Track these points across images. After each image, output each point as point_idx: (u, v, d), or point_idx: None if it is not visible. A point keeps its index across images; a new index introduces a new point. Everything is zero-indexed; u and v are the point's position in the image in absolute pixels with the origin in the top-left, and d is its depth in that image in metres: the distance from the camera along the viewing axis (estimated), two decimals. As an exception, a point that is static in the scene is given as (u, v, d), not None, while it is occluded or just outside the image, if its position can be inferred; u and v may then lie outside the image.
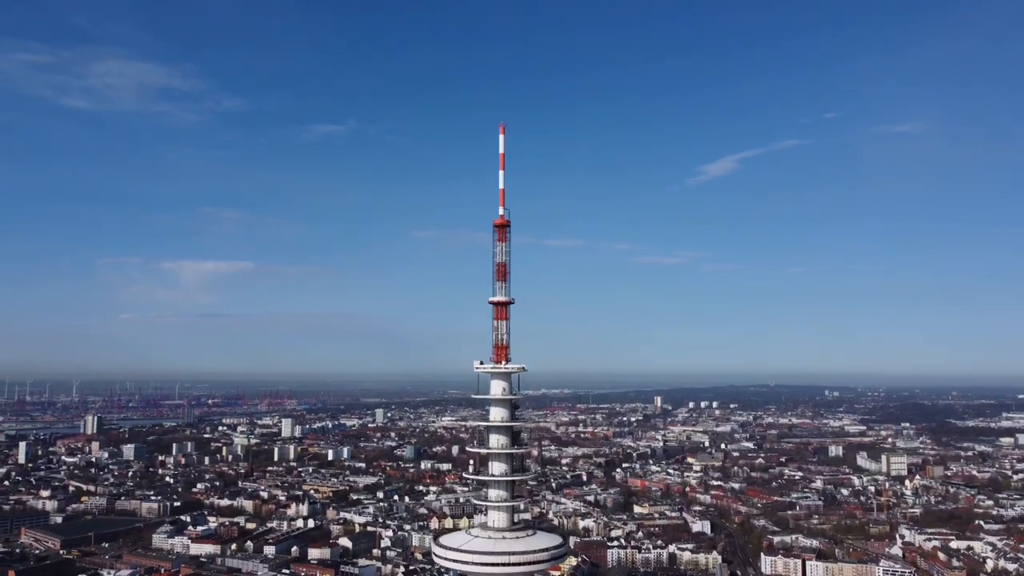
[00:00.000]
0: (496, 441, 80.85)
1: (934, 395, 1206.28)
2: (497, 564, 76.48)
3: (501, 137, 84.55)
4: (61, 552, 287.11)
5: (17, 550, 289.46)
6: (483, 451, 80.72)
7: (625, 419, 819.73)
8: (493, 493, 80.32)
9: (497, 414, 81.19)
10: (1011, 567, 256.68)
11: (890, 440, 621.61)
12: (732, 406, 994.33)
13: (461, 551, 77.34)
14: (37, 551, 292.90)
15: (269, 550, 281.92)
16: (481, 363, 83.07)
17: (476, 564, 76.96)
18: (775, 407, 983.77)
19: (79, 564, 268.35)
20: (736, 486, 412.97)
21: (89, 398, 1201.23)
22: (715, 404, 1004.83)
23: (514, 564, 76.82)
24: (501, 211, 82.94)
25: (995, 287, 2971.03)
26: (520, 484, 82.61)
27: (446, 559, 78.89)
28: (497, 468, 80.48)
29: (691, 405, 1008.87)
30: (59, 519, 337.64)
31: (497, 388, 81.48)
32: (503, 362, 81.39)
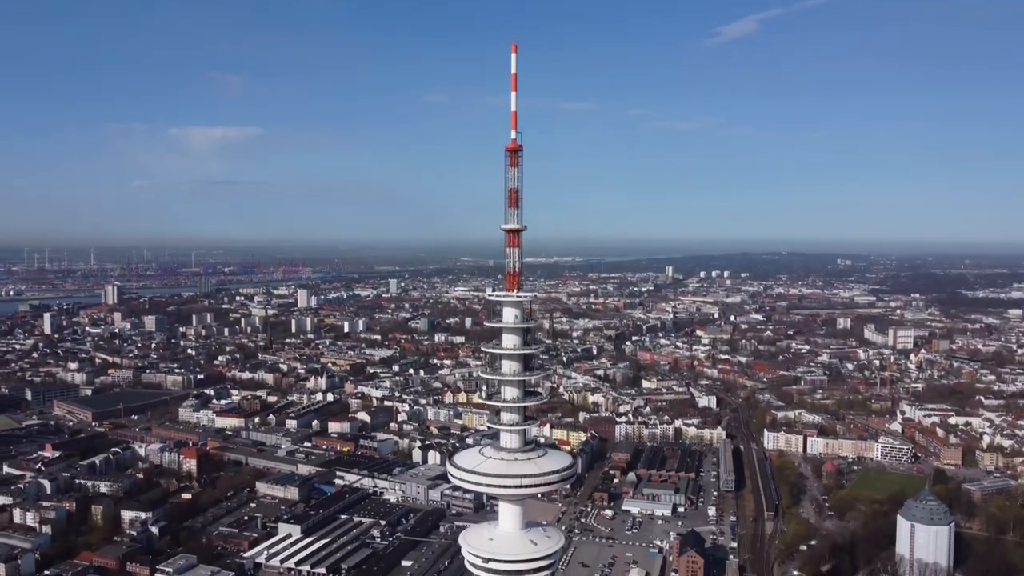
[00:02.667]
0: (508, 367, 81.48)
1: (946, 264, 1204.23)
2: (510, 486, 79.14)
3: (513, 56, 79.75)
4: (93, 424, 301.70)
5: (52, 423, 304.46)
6: (496, 377, 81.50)
7: (636, 289, 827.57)
8: (506, 417, 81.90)
9: (510, 341, 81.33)
10: (1007, 443, 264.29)
11: (899, 312, 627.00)
12: (743, 275, 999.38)
13: (475, 472, 79.85)
14: (71, 423, 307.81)
15: (291, 424, 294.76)
16: (493, 290, 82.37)
17: (490, 485, 79.70)
18: (786, 276, 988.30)
19: (111, 436, 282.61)
20: (743, 360, 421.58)
21: (107, 266, 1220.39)
22: (726, 273, 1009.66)
23: (526, 486, 79.52)
24: (513, 135, 79.39)
25: (1015, 153, 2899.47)
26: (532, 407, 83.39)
27: (460, 479, 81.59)
28: (509, 393, 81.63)
29: (702, 274, 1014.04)
30: (89, 391, 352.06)
31: (509, 316, 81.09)
32: (515, 290, 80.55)
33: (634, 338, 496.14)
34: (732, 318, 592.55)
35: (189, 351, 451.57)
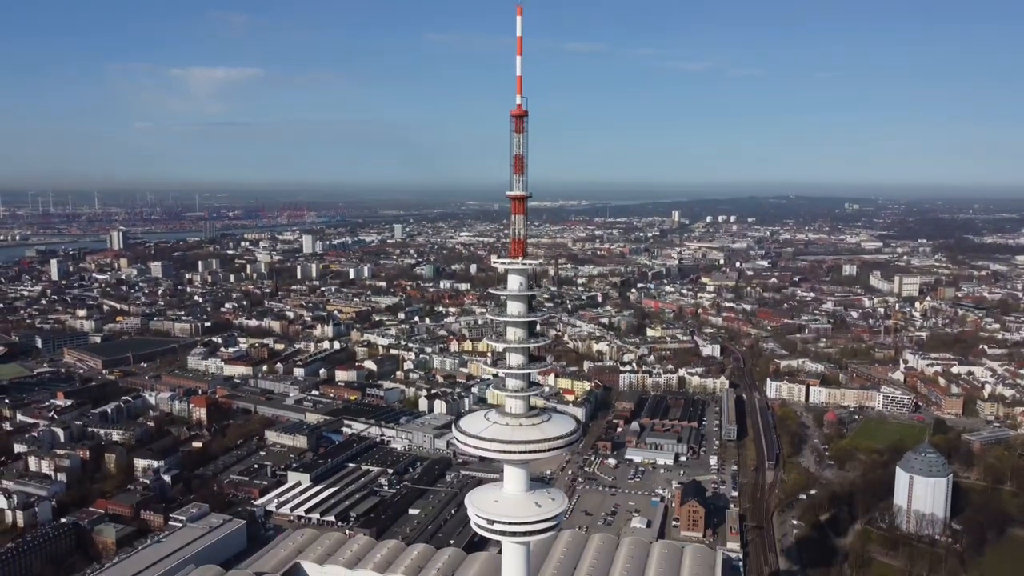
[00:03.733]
0: (513, 335, 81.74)
1: (955, 208, 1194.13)
2: (514, 452, 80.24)
3: (518, 19, 77.74)
4: (103, 372, 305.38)
5: (62, 370, 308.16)
6: (500, 345, 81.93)
7: (642, 235, 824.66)
8: (511, 383, 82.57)
9: (514, 308, 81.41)
10: (1008, 393, 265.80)
11: (905, 258, 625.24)
12: (750, 220, 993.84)
13: (479, 438, 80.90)
14: (81, 371, 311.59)
15: (298, 372, 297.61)
16: (499, 257, 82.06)
17: (494, 451, 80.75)
18: (793, 221, 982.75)
19: (121, 384, 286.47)
20: (748, 307, 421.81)
21: (112, 210, 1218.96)
22: (733, 218, 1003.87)
23: (530, 452, 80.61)
24: (518, 100, 77.85)
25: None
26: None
27: (465, 444, 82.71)
28: (514, 360, 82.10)
29: (708, 219, 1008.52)
30: (98, 339, 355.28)
31: (514, 283, 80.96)
32: (520, 257, 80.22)
33: (639, 285, 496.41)
34: (738, 264, 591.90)
35: (196, 298, 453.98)
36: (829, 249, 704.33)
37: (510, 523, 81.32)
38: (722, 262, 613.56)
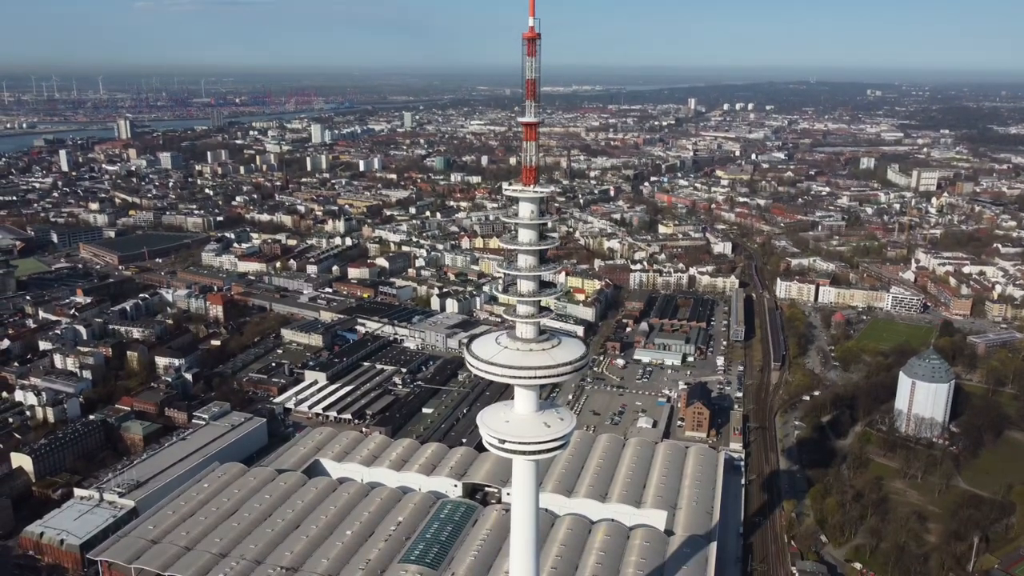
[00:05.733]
0: (524, 262, 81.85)
1: (981, 95, 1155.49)
2: (524, 377, 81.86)
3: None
4: (120, 268, 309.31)
5: (80, 266, 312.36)
6: (512, 273, 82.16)
7: (657, 123, 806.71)
8: (522, 309, 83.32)
9: (525, 236, 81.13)
10: (1018, 294, 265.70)
11: (925, 149, 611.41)
12: (768, 108, 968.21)
13: (490, 363, 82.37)
14: (98, 266, 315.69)
15: (311, 269, 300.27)
16: (510, 184, 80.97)
17: (505, 376, 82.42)
18: (812, 109, 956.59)
19: (139, 281, 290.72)
20: (761, 203, 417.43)
21: (117, 95, 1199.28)
22: (750, 106, 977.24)
23: (540, 377, 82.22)
24: (531, 22, 74.56)
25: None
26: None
27: (476, 368, 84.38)
28: (525, 287, 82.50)
29: (725, 107, 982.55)
30: (112, 233, 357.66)
31: (525, 211, 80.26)
32: (532, 185, 79.16)
33: (652, 179, 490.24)
34: (753, 156, 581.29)
35: (207, 191, 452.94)
36: (848, 140, 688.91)
37: (520, 443, 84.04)
38: (738, 154, 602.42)
